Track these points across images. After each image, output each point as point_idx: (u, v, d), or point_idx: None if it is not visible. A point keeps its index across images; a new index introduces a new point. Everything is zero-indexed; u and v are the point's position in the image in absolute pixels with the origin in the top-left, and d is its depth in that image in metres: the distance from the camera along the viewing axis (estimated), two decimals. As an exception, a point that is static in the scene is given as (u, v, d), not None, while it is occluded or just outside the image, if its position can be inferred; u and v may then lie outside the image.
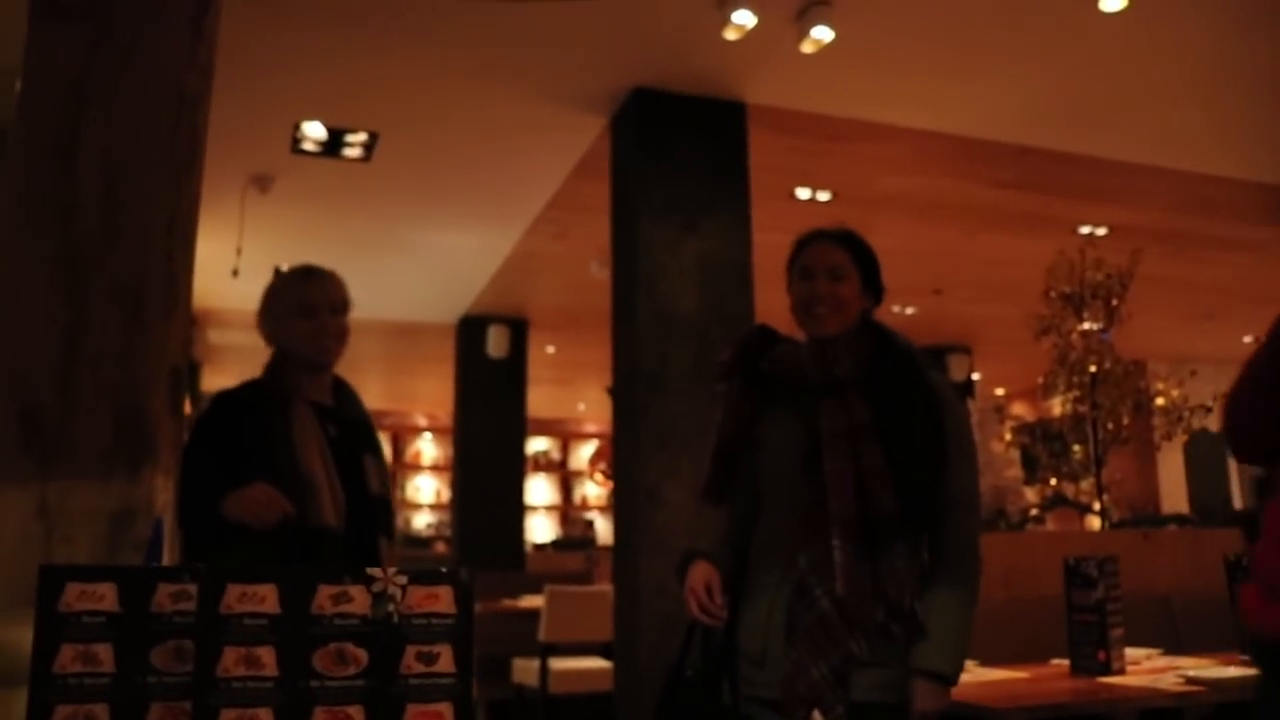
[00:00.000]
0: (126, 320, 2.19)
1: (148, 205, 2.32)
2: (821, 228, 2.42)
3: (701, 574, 2.30)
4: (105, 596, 0.86)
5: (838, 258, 2.35)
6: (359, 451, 2.67)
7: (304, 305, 2.70)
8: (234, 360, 11.23)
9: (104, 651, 0.85)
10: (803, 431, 2.26)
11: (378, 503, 2.64)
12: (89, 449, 2.03)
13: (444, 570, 0.88)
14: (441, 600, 0.87)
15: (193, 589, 0.87)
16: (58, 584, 0.88)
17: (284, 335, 2.70)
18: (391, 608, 0.86)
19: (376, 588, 0.86)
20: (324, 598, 0.86)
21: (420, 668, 0.86)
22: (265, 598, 0.86)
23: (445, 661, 0.86)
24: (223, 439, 2.55)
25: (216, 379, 12.16)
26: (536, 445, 16.09)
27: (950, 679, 2.12)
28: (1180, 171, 6.08)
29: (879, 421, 2.22)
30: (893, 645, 2.13)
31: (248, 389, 2.68)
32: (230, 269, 6.67)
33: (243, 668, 0.84)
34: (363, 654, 0.86)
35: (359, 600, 0.86)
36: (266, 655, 0.84)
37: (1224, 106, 5.33)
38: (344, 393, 2.81)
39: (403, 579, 0.87)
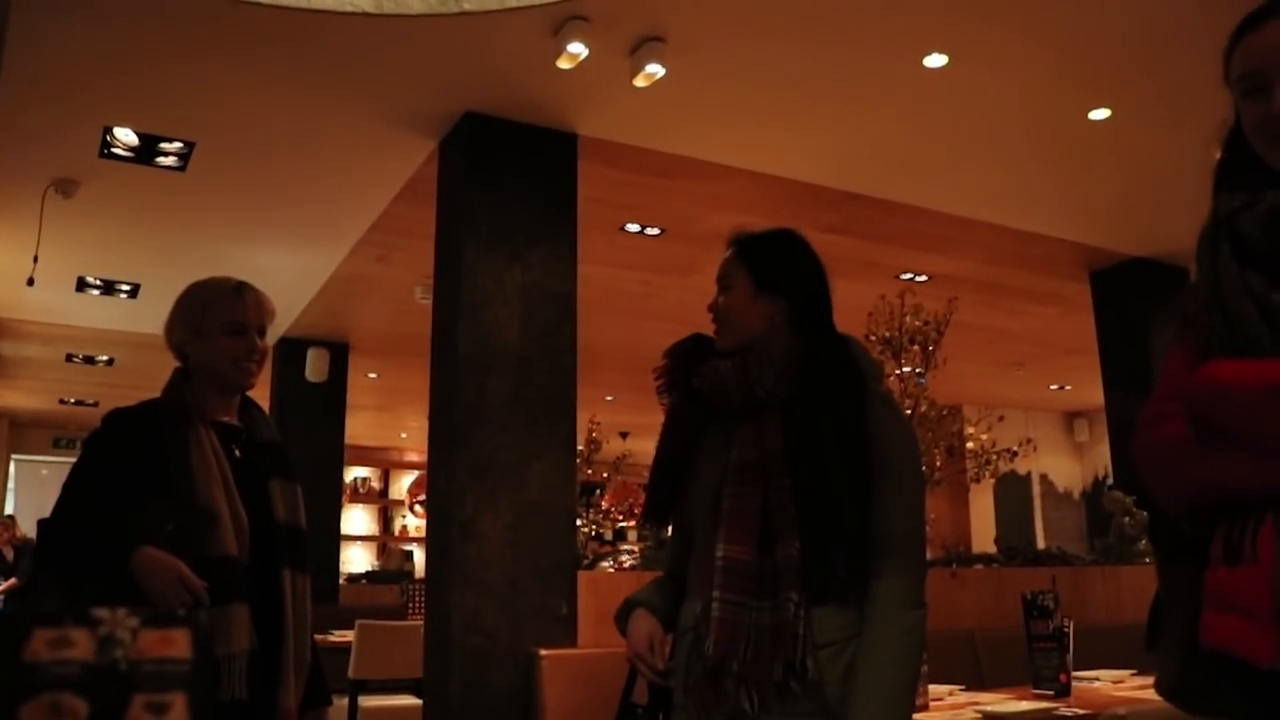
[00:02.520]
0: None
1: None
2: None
3: (643, 629, 2.12)
4: None
5: (724, 266, 2.18)
6: (266, 476, 2.49)
7: (234, 323, 2.49)
8: (29, 375, 10.60)
9: None
10: (722, 461, 2.06)
11: (283, 531, 2.44)
12: None
13: (180, 613, 0.79)
14: (177, 645, 0.78)
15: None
16: None
17: (204, 351, 2.48)
18: (119, 653, 0.77)
19: (103, 631, 0.77)
20: (39, 643, 0.76)
21: (149, 719, 0.77)
22: (-31, 642, 0.75)
23: (178, 712, 0.77)
24: (115, 460, 2.36)
25: (9, 395, 11.46)
26: (356, 473, 15.70)
27: None
28: (996, 225, 6.35)
29: (791, 450, 1.97)
30: (796, 699, 1.89)
31: (144, 408, 2.45)
32: (25, 277, 6.27)
33: (-63, 723, 0.73)
34: (82, 705, 0.76)
35: (81, 645, 0.77)
36: (-35, 708, 0.74)
37: (1033, 167, 5.59)
38: (253, 413, 2.62)
39: (134, 621, 0.77)
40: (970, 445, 7.00)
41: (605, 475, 10.45)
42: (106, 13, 4.05)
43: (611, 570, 5.33)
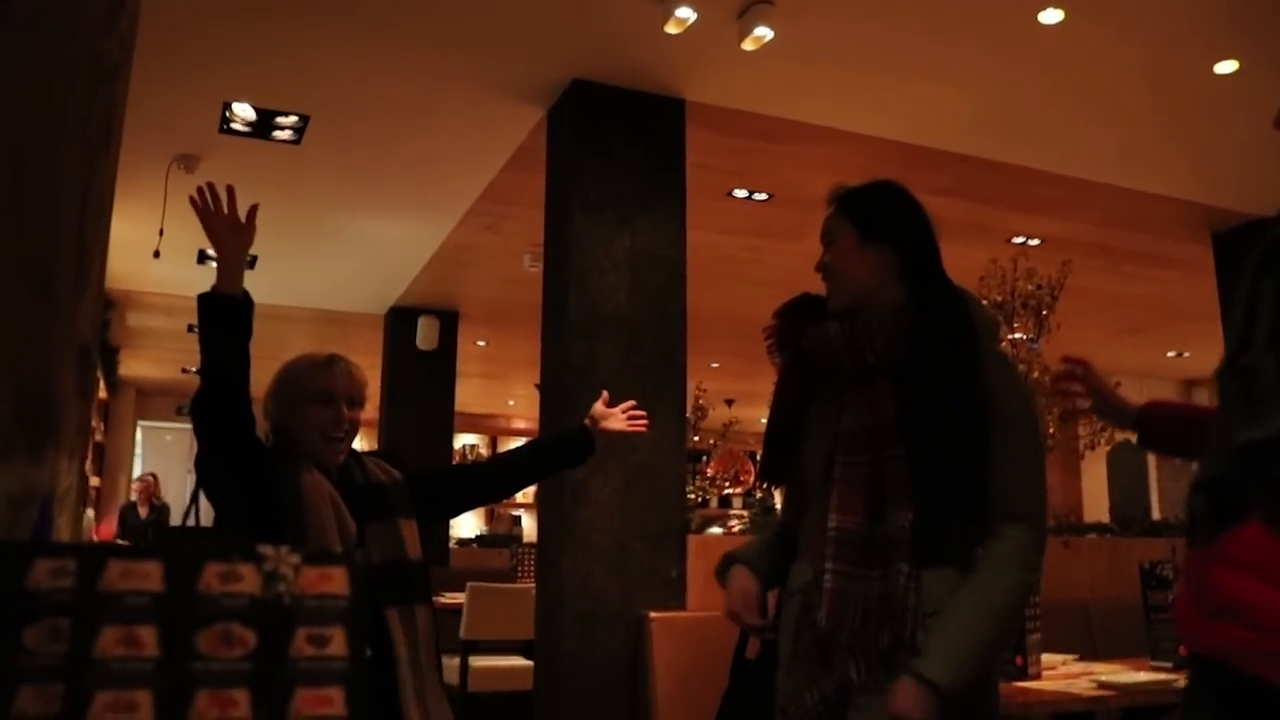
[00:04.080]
0: (32, 294, 2.10)
1: (59, 178, 2.23)
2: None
3: (739, 586, 2.12)
4: (-27, 571, 0.80)
5: (827, 223, 2.16)
6: (363, 519, 2.51)
7: (324, 392, 2.55)
8: (153, 345, 10.99)
9: (-27, 631, 0.79)
10: (834, 426, 2.03)
11: (378, 572, 2.45)
12: (-14, 427, 1.94)
13: (338, 551, 0.83)
14: (335, 581, 0.83)
15: (71, 565, 0.81)
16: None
17: (297, 425, 2.54)
18: (282, 588, 0.82)
19: (268, 567, 0.81)
20: (211, 576, 0.81)
21: (311, 650, 0.82)
22: (149, 575, 0.81)
23: (337, 644, 0.82)
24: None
25: (135, 364, 11.90)
26: (465, 440, 15.94)
27: (941, 688, 1.77)
28: (1112, 186, 6.17)
29: (903, 418, 1.93)
30: (903, 669, 1.83)
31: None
32: (151, 250, 6.50)
33: (122, 648, 0.79)
34: (250, 635, 0.81)
35: (248, 579, 0.82)
36: (147, 635, 0.79)
37: (1154, 125, 5.41)
38: (348, 461, 2.65)
39: (295, 559, 0.82)
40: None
41: (711, 442, 10.48)
42: (227, -10, 4.18)
43: (721, 535, 5.36)
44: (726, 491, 11.80)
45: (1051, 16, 4.32)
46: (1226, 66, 4.72)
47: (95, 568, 0.79)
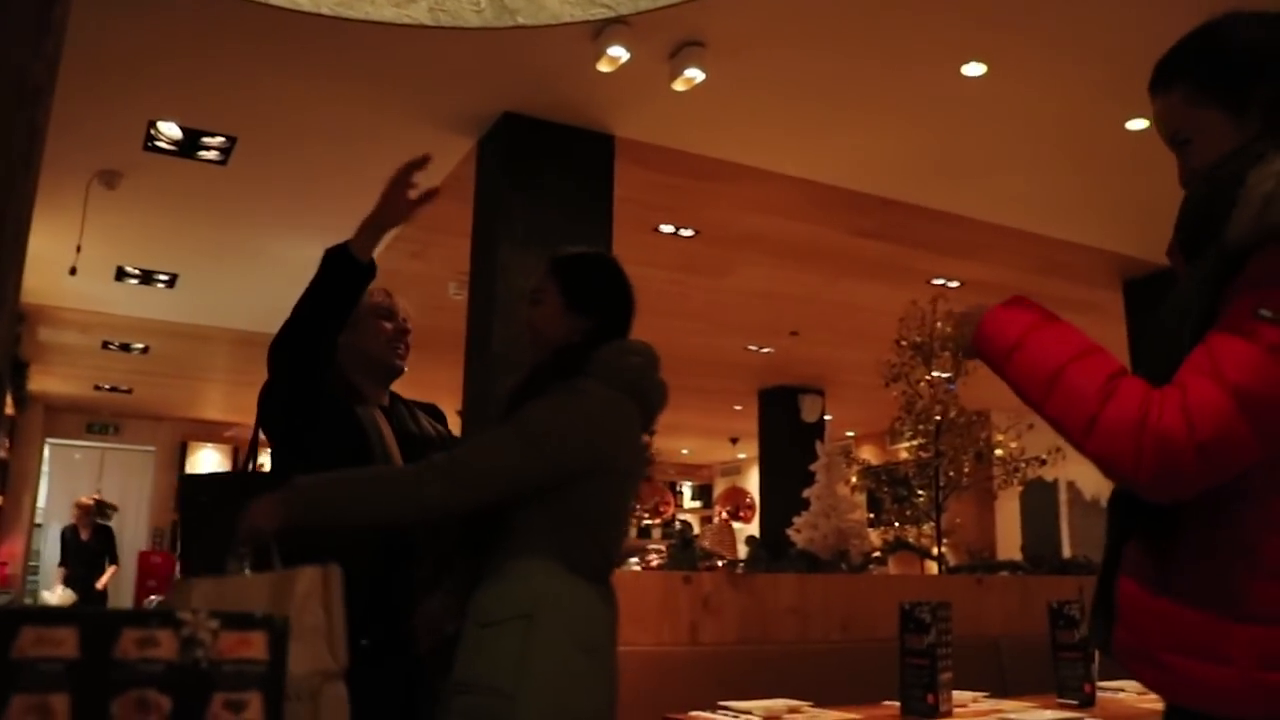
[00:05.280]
0: (-56, 319, 2.06)
1: (-24, 200, 2.19)
2: None
3: None
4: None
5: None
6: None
7: (385, 308, 2.70)
8: (65, 361, 10.71)
9: None
10: None
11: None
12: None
13: (258, 615, 0.83)
14: (254, 646, 0.83)
15: (-17, 627, 0.80)
16: None
17: (359, 336, 2.65)
18: (200, 653, 0.81)
19: (185, 631, 0.81)
20: (128, 641, 0.81)
21: (228, 716, 0.81)
22: (63, 641, 0.80)
23: (254, 710, 0.81)
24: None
25: (45, 380, 11.59)
26: (385, 465, 15.75)
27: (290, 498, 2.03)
28: (1029, 233, 6.35)
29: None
30: None
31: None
32: (68, 267, 6.36)
33: (32, 716, 0.78)
34: (166, 701, 0.80)
35: (165, 644, 0.81)
36: (60, 703, 0.78)
37: (1069, 176, 5.58)
38: (398, 406, 2.80)
39: (214, 623, 0.82)
40: (999, 452, 7.00)
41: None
42: (151, 7, 4.13)
43: (639, 569, 5.36)
44: (646, 522, 11.81)
45: (974, 69, 4.44)
46: (1138, 124, 4.89)
47: (7, 635, 0.78)
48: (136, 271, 7.49)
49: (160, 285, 7.74)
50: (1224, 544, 1.41)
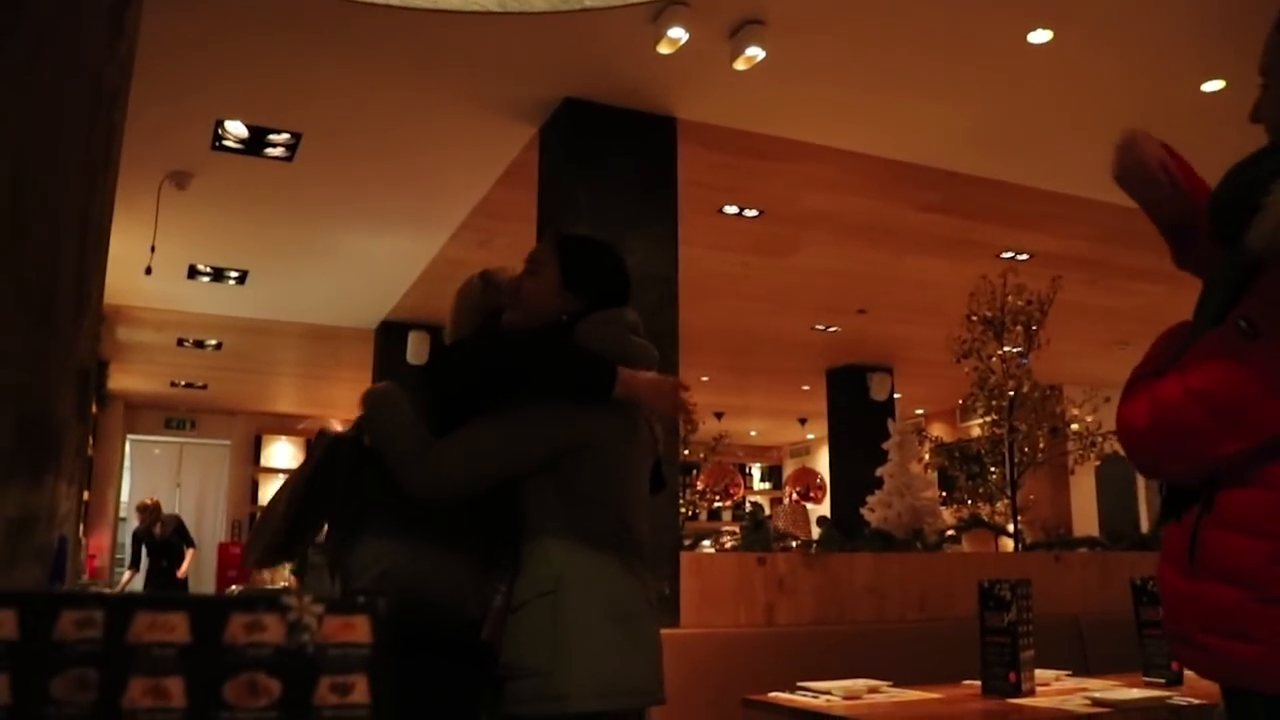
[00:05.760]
0: (33, 322, 2.10)
1: (59, 204, 2.23)
2: None
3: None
4: (4, 623, 0.81)
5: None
6: None
7: (490, 308, 2.70)
8: (142, 359, 10.95)
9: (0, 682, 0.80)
10: None
11: None
12: (-12, 453, 1.94)
13: (360, 600, 0.84)
14: (358, 630, 0.84)
15: (99, 616, 0.82)
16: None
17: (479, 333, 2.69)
18: (306, 637, 0.83)
19: (291, 616, 0.83)
20: (237, 626, 0.82)
21: (334, 699, 0.83)
22: (175, 626, 0.82)
23: (360, 692, 0.83)
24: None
25: (124, 378, 11.85)
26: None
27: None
28: (1100, 202, 6.22)
29: None
30: None
31: None
32: (143, 266, 6.49)
33: (150, 699, 0.80)
34: (275, 684, 0.82)
35: (273, 629, 0.83)
36: (175, 686, 0.80)
37: (1142, 140, 5.46)
38: None
39: (319, 608, 0.83)
40: (1074, 427, 6.90)
41: (701, 455, 10.48)
42: (219, 10, 4.19)
43: (713, 551, 5.37)
44: (716, 505, 11.80)
45: (1041, 36, 4.36)
46: (1214, 85, 4.77)
47: (123, 619, 0.80)
48: (208, 269, 7.64)
49: (231, 282, 7.88)
50: (1249, 531, 1.52)
